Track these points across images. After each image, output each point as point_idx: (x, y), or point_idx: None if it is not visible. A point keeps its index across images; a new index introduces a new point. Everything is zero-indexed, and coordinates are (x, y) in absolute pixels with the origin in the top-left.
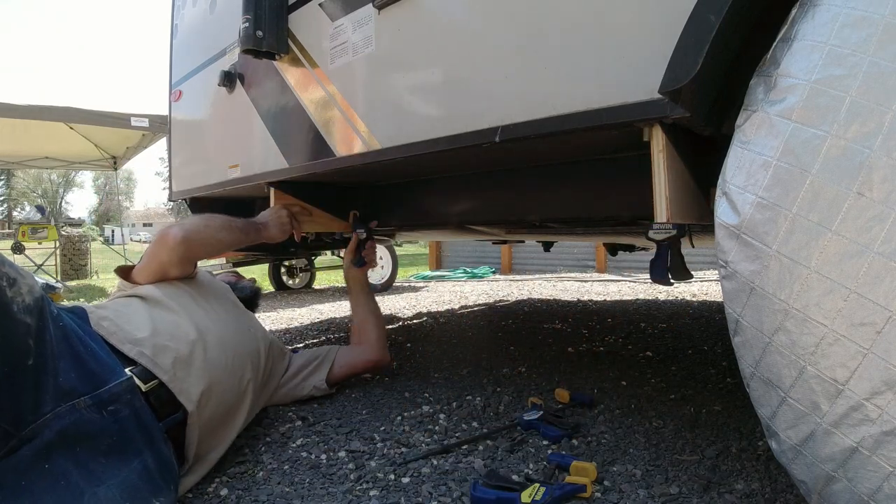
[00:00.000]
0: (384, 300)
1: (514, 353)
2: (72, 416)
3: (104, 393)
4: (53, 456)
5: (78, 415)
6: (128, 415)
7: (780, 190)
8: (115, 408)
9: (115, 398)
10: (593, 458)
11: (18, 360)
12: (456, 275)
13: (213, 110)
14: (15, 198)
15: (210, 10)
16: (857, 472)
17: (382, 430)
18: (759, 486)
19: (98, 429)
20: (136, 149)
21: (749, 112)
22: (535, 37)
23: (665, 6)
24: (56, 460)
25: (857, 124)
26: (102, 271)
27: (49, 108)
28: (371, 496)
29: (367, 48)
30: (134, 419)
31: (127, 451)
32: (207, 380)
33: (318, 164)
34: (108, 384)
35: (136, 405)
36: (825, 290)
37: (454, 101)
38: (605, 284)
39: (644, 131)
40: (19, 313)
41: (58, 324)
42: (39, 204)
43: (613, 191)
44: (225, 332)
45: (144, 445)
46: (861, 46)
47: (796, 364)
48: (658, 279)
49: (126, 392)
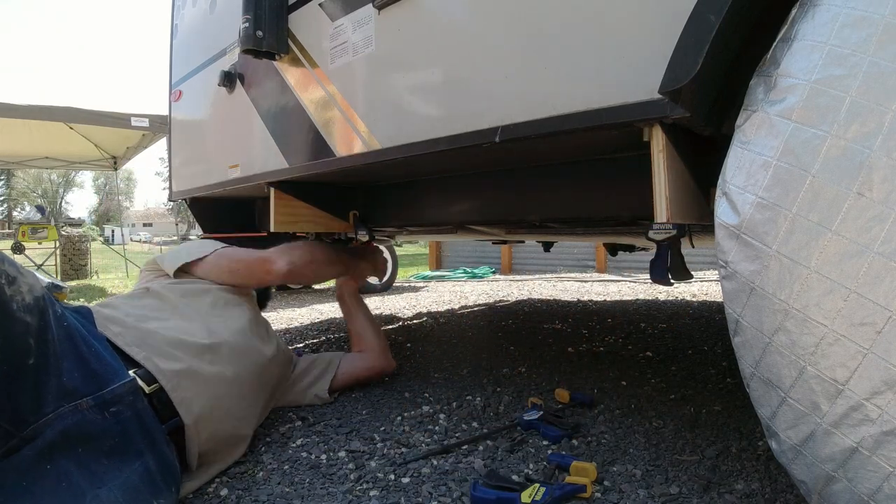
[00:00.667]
0: (384, 300)
1: (514, 353)
2: (74, 417)
3: (107, 394)
4: (55, 456)
5: (80, 415)
6: (130, 416)
7: (780, 190)
8: (118, 409)
9: (118, 399)
10: (593, 458)
11: (18, 358)
12: (456, 275)
13: (214, 110)
14: (15, 198)
15: (210, 10)
16: (857, 473)
17: (382, 430)
18: (759, 486)
19: (100, 430)
20: (136, 149)
21: (749, 112)
22: (535, 37)
23: (665, 6)
24: (58, 461)
25: (857, 124)
26: (102, 271)
27: (49, 108)
28: (371, 496)
29: (367, 48)
30: (136, 421)
31: (129, 452)
32: (212, 393)
33: (318, 164)
34: (110, 385)
35: (138, 407)
36: (825, 290)
37: (454, 101)
38: (605, 284)
39: (644, 131)
40: (18, 311)
41: (62, 323)
42: (39, 204)
43: (613, 191)
44: (238, 344)
45: (146, 447)
46: (861, 46)
47: (796, 364)
48: (658, 279)
49: (129, 393)
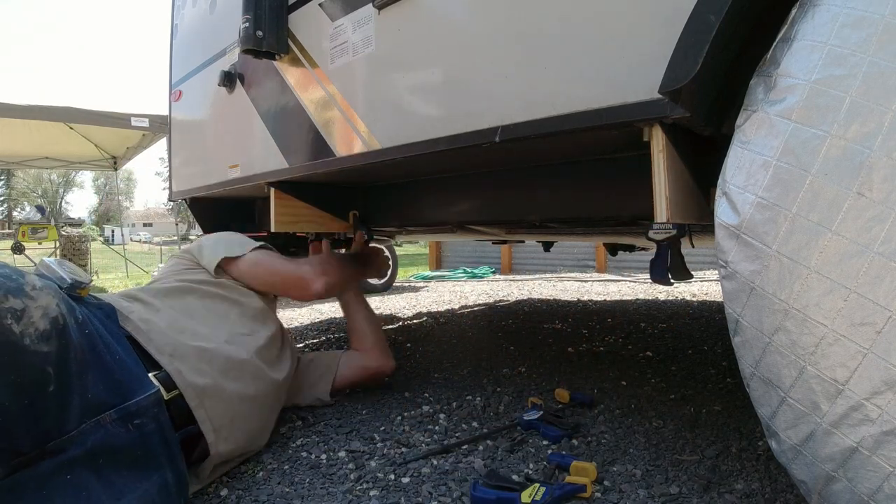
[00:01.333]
0: (384, 300)
1: (514, 353)
2: (98, 433)
3: (132, 405)
4: (76, 468)
5: (104, 430)
6: (153, 429)
7: (780, 190)
8: (142, 421)
9: (143, 412)
10: (593, 458)
11: (37, 390)
12: (456, 275)
13: (214, 110)
14: (15, 198)
15: (210, 10)
16: (857, 472)
17: (382, 430)
18: (759, 486)
19: (123, 442)
20: (136, 149)
21: (749, 112)
22: (535, 36)
23: (665, 6)
24: (78, 473)
25: (857, 124)
26: (103, 271)
27: (49, 108)
28: (371, 496)
29: (367, 48)
30: (158, 433)
31: (149, 465)
32: (234, 411)
33: (318, 164)
34: (135, 396)
35: (161, 419)
36: (825, 290)
37: (454, 101)
38: (605, 284)
39: (644, 131)
40: (33, 345)
41: (83, 331)
42: (39, 204)
43: (613, 191)
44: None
45: (166, 460)
46: (861, 46)
47: (796, 364)
48: (658, 279)
49: (153, 406)
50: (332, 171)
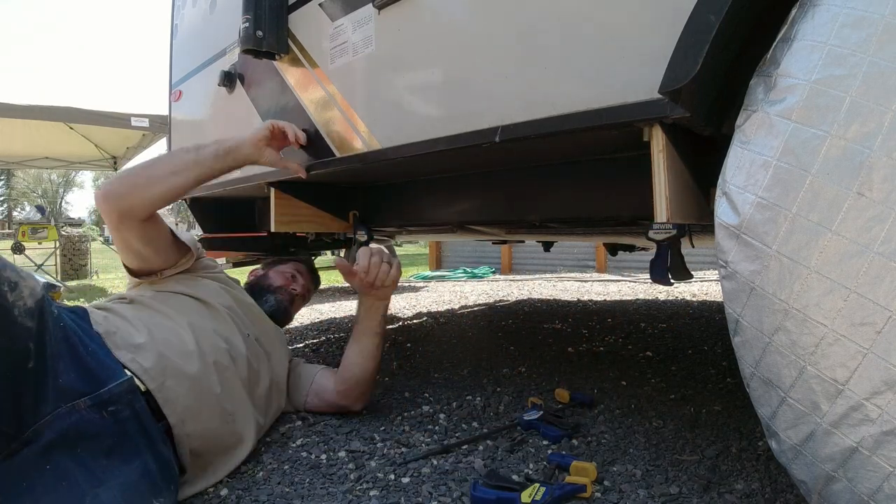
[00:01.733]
0: None
1: (514, 353)
2: (72, 417)
3: (104, 393)
4: (55, 456)
5: (78, 415)
6: (129, 415)
7: (780, 190)
8: (116, 408)
9: (116, 399)
10: (593, 458)
11: (19, 363)
12: (456, 275)
13: (214, 110)
14: (15, 198)
15: (210, 10)
16: (857, 472)
17: (382, 430)
18: (759, 486)
19: (98, 429)
20: (136, 149)
21: (749, 112)
22: (535, 37)
23: (665, 6)
24: (57, 461)
25: (857, 124)
26: (102, 271)
27: (49, 108)
28: (371, 496)
29: (367, 48)
30: (135, 420)
31: (127, 451)
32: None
33: (318, 164)
34: (108, 384)
35: (136, 406)
36: (825, 290)
37: (454, 101)
38: (605, 284)
39: (644, 131)
40: (20, 317)
41: (58, 324)
42: (39, 204)
43: (613, 191)
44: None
45: (145, 446)
46: (861, 46)
47: (796, 364)
48: (658, 279)
49: (127, 392)
50: (332, 171)
